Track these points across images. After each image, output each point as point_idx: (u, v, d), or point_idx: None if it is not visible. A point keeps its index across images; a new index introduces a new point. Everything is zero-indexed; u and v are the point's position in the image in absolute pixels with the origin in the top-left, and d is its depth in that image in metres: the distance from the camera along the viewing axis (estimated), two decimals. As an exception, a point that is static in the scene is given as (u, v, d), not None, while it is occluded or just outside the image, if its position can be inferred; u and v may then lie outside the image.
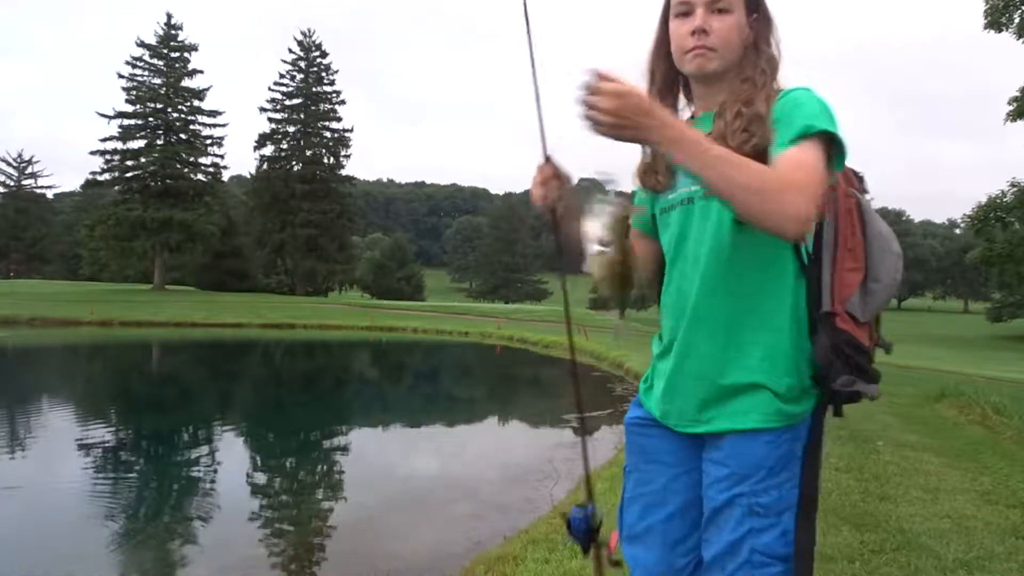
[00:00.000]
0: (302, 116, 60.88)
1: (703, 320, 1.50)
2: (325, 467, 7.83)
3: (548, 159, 1.58)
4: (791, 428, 1.47)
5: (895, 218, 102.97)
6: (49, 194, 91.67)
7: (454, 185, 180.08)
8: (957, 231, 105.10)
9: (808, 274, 1.48)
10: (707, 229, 1.49)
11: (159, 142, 50.91)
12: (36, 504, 5.81)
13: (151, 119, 51.10)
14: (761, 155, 1.36)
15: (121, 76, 51.04)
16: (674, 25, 1.53)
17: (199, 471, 7.35)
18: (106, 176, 50.63)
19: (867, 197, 1.56)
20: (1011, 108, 19.09)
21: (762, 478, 1.45)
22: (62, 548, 4.74)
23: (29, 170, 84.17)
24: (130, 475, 7.03)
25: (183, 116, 52.31)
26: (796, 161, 1.30)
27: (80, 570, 4.39)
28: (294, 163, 60.84)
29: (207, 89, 52.89)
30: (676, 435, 1.59)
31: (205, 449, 8.50)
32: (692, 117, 1.60)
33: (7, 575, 4.26)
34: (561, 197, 1.56)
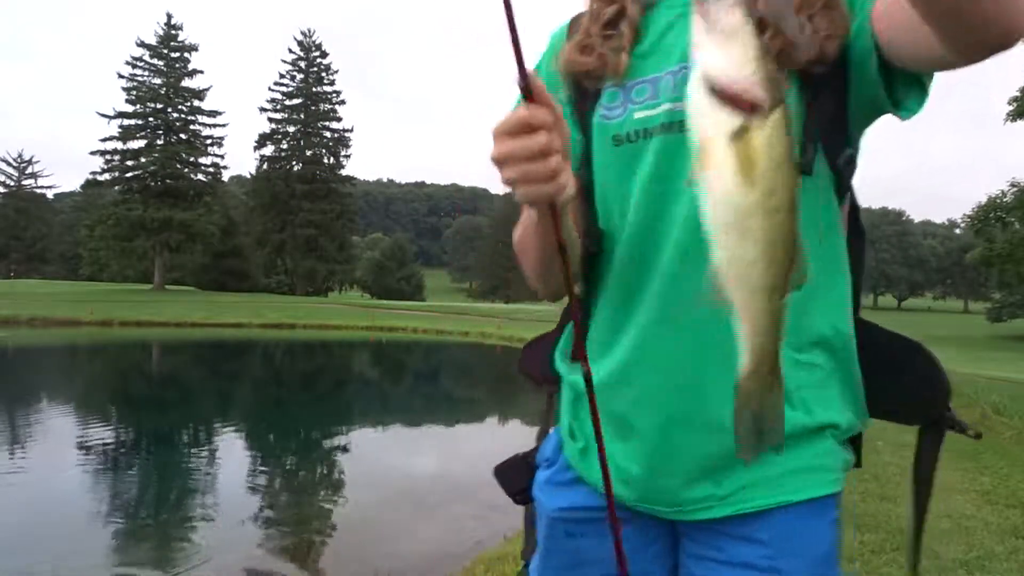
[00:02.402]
0: (302, 116, 60.93)
1: (722, 330, 0.83)
2: (325, 467, 7.83)
3: (530, 91, 0.77)
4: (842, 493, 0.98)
5: (895, 218, 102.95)
6: (49, 194, 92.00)
7: (454, 185, 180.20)
8: (957, 231, 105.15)
9: (856, 247, 0.99)
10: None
11: (159, 142, 50.97)
12: (36, 504, 5.80)
13: (151, 119, 51.17)
14: (836, 64, 0.87)
15: (121, 76, 51.15)
16: None
17: (199, 471, 7.35)
18: (106, 176, 50.73)
19: None
20: (1011, 108, 19.12)
21: None
22: (61, 547, 4.74)
23: (29, 170, 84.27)
24: (130, 475, 7.03)
25: (183, 116, 52.37)
26: None
27: (80, 570, 4.39)
28: (294, 163, 60.92)
29: (207, 89, 53.00)
30: (643, 523, 1.00)
31: (205, 449, 8.50)
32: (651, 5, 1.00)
33: (6, 575, 4.26)
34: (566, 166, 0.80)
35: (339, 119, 62.04)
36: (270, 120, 61.09)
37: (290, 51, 62.64)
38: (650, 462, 0.95)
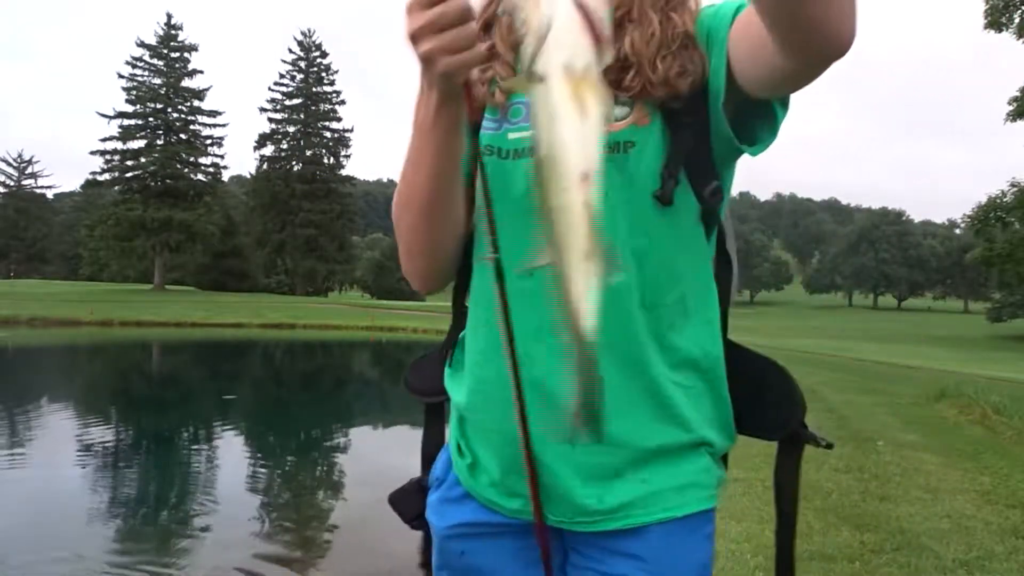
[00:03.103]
0: (302, 116, 60.97)
1: (602, 354, 0.89)
2: (325, 467, 7.83)
3: None
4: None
5: (895, 218, 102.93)
6: (49, 194, 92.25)
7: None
8: (957, 231, 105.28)
9: (723, 274, 1.05)
10: (610, 201, 0.87)
11: (159, 142, 51.03)
12: (36, 504, 5.80)
13: (151, 119, 51.23)
14: (695, 104, 0.92)
15: (121, 76, 51.24)
16: None
17: (199, 471, 7.35)
18: (106, 176, 50.80)
19: None
20: (1011, 108, 19.12)
21: None
22: (61, 547, 4.74)
23: (29, 170, 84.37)
24: (130, 475, 7.03)
25: (183, 116, 52.42)
26: None
27: (79, 570, 4.39)
28: (294, 163, 60.95)
29: (207, 89, 53.06)
30: (526, 532, 1.00)
31: (205, 449, 8.50)
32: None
33: (7, 573, 4.27)
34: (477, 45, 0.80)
35: (339, 119, 62.18)
36: (270, 120, 61.19)
37: (290, 51, 62.80)
38: (541, 479, 0.95)
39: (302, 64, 61.65)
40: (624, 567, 0.95)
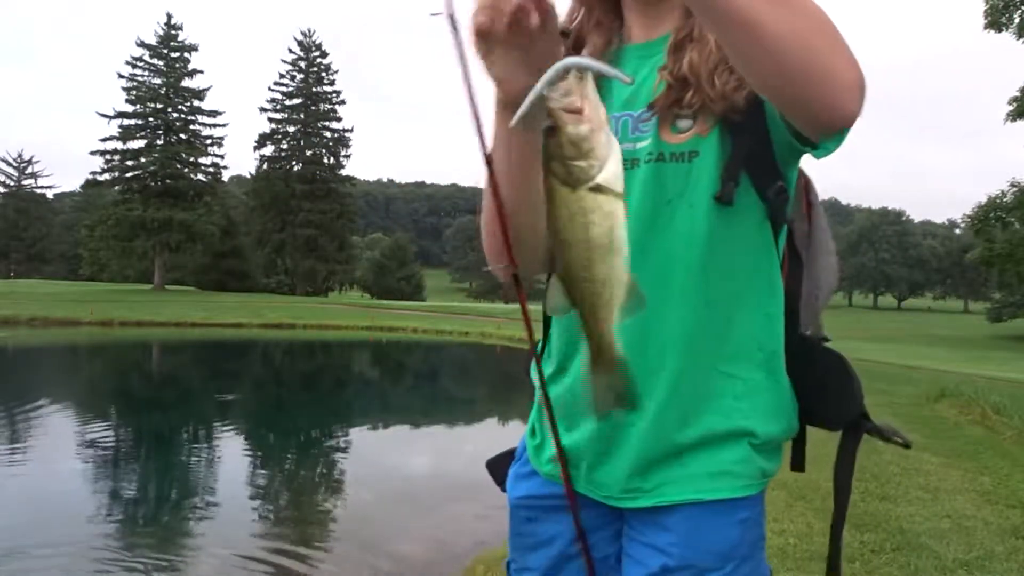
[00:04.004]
0: (302, 116, 60.93)
1: (661, 344, 1.03)
2: (325, 467, 7.84)
3: None
4: (760, 496, 1.08)
5: (895, 218, 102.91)
6: (49, 194, 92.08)
7: (454, 185, 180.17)
8: (957, 231, 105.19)
9: (789, 277, 1.11)
10: (675, 205, 1.02)
11: (159, 142, 50.99)
12: (36, 502, 5.81)
13: (151, 119, 51.19)
14: (754, 110, 0.98)
15: (121, 76, 51.19)
16: None
17: (199, 471, 7.36)
18: (106, 176, 50.75)
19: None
20: (1011, 108, 19.13)
21: (728, 574, 1.04)
22: (60, 546, 4.74)
23: (29, 170, 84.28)
24: (130, 475, 7.04)
25: (183, 116, 52.39)
26: None
27: (80, 570, 4.40)
28: (294, 163, 60.92)
29: (207, 89, 53.02)
30: (596, 509, 1.12)
31: (205, 449, 8.50)
32: (622, 44, 1.13)
33: (6, 572, 4.27)
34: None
35: (339, 119, 62.09)
36: (270, 120, 61.12)
37: (290, 51, 62.67)
38: (595, 457, 1.09)
39: (302, 64, 61.63)
40: (660, 538, 1.05)
